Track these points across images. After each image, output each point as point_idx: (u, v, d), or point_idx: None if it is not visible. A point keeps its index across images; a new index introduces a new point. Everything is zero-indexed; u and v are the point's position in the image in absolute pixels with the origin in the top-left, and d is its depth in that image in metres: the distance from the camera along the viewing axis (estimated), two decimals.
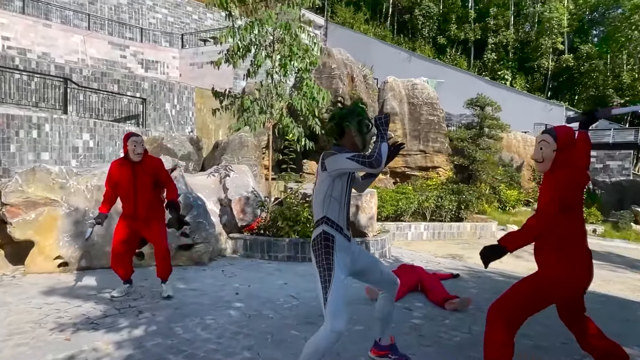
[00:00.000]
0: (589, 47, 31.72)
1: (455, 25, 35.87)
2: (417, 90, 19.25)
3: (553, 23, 31.54)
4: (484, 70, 34.48)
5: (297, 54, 6.82)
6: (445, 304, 4.22)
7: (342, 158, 2.29)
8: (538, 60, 32.62)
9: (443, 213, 10.86)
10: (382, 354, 2.87)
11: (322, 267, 2.35)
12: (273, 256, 6.36)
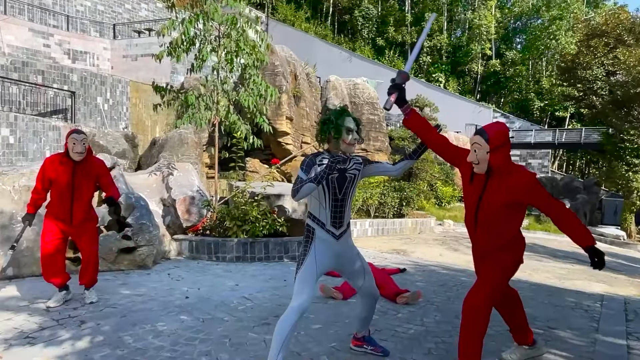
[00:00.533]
0: (513, 53, 34.24)
1: (394, 28, 37.09)
2: (359, 90, 19.67)
3: (482, 30, 33.66)
4: (420, 73, 35.99)
5: (244, 50, 6.68)
6: (397, 299, 4.35)
7: (299, 171, 2.55)
8: (469, 65, 34.65)
9: (386, 210, 11.20)
10: (359, 344, 3.07)
11: (301, 253, 2.69)
12: (221, 257, 6.19)
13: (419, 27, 36.58)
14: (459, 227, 14.69)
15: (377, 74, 29.90)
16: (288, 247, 6.44)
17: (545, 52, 31.56)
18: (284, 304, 4.10)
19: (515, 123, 29.52)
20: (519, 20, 36.89)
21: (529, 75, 32.61)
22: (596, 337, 3.58)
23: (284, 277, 5.33)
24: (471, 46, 33.97)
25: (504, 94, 34.62)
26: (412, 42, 36.88)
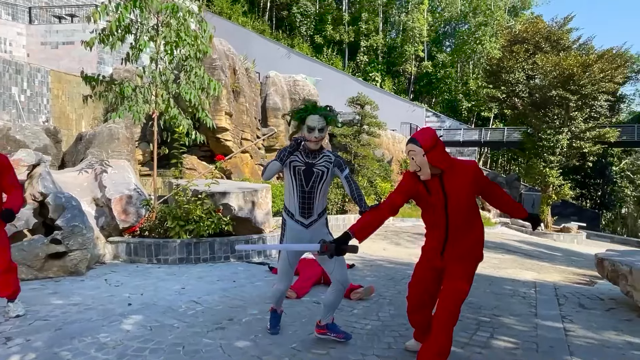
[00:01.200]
0: (444, 56, 36.06)
1: (331, 26, 37.46)
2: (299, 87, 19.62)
3: (415, 32, 35.04)
4: (357, 72, 36.72)
5: (186, 40, 6.34)
6: (350, 295, 4.35)
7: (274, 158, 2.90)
8: (403, 65, 35.94)
9: (330, 206, 11.27)
10: (323, 332, 3.14)
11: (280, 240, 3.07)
12: (163, 259, 5.84)
13: (356, 27, 37.30)
14: (397, 221, 15.19)
15: (315, 72, 30.05)
16: (235, 246, 6.23)
17: (472, 55, 33.61)
18: (236, 306, 3.96)
19: (445, 122, 31.12)
20: (448, 25, 38.91)
21: (457, 77, 34.56)
22: (536, 322, 3.83)
23: (232, 277, 5.14)
24: (405, 47, 35.26)
25: (435, 94, 36.38)
26: (349, 41, 37.50)
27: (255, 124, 16.83)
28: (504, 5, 35.72)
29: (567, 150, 19.45)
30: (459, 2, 37.32)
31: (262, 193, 6.91)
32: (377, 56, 37.31)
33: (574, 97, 18.14)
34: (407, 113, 29.59)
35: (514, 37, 21.18)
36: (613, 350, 3.21)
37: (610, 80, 18.21)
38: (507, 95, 21.45)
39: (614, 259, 4.55)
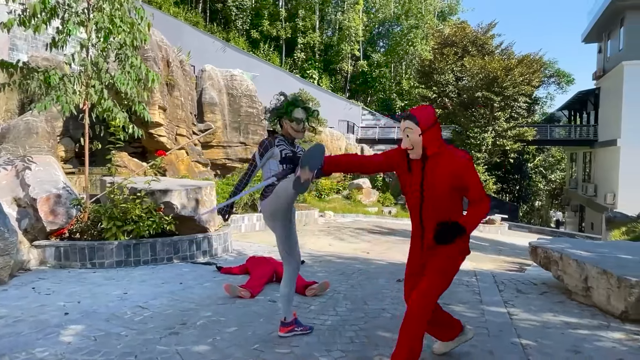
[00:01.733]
0: (378, 56, 37.14)
1: (268, 22, 37.01)
2: (236, 82, 19.18)
3: (351, 31, 35.70)
4: (295, 68, 36.66)
5: (121, 27, 5.89)
6: (305, 291, 4.31)
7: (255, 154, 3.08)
8: (340, 64, 36.48)
9: None
10: (289, 329, 3.12)
11: None
12: (98, 263, 5.40)
13: (293, 23, 37.20)
14: (338, 217, 15.42)
15: (252, 67, 29.53)
16: (178, 246, 5.93)
17: (404, 56, 35.00)
18: (188, 309, 3.75)
19: (381, 120, 32.11)
20: (382, 26, 40.12)
21: (391, 77, 35.81)
22: (483, 308, 4.04)
23: (178, 279, 4.88)
24: (342, 46, 35.81)
25: (370, 93, 37.39)
26: (287, 37, 37.31)
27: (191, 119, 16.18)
28: (434, 9, 37.54)
29: (491, 148, 20.92)
30: (392, 4, 38.60)
31: (207, 190, 6.64)
32: (315, 54, 37.53)
33: (498, 98, 19.55)
34: (345, 111, 30.12)
35: (444, 40, 22.35)
36: (553, 330, 3.47)
37: (528, 84, 19.86)
38: (438, 95, 22.59)
39: (546, 246, 4.94)
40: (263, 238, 9.11)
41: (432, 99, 23.42)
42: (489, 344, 3.12)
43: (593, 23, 24.31)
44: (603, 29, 24.23)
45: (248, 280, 4.53)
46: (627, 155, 20.42)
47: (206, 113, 17.94)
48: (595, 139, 24.79)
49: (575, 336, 3.30)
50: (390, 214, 18.18)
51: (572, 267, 4.34)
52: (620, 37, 21.60)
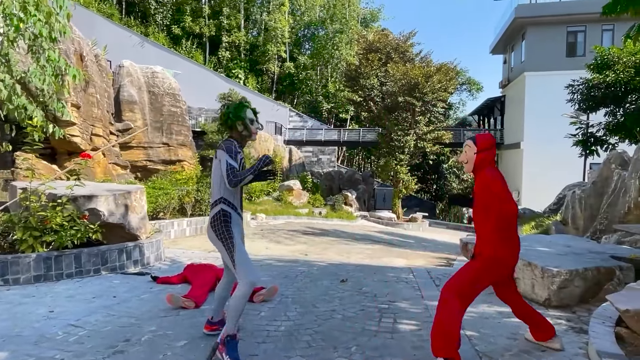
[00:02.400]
0: (305, 58, 37.45)
1: (190, 18, 35.64)
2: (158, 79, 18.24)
3: (277, 32, 35.62)
4: (220, 67, 35.71)
5: (35, 16, 5.29)
6: (254, 297, 4.21)
7: (225, 157, 2.80)
8: (266, 64, 36.22)
9: (203, 207, 10.73)
10: (213, 328, 3.22)
11: (224, 238, 2.82)
12: (12, 279, 4.80)
13: (217, 21, 36.21)
14: (270, 219, 15.29)
15: (174, 64, 28.25)
16: (106, 256, 5.47)
17: (330, 60, 35.70)
18: (128, 325, 3.48)
19: (308, 122, 32.43)
20: (308, 29, 40.54)
21: (318, 79, 36.32)
22: (425, 304, 4.25)
23: (110, 292, 4.50)
24: (268, 47, 35.57)
25: (298, 94, 37.59)
26: (210, 35, 36.21)
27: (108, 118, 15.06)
28: (357, 15, 38.77)
29: (413, 150, 22.10)
30: (318, 8, 39.19)
31: (137, 195, 6.21)
32: (240, 53, 36.87)
33: (419, 103, 20.71)
34: (272, 112, 29.96)
35: (369, 45, 23.18)
36: (490, 320, 3.75)
37: (445, 90, 21.31)
38: (363, 99, 23.36)
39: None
40: (194, 244, 8.75)
41: (358, 102, 24.16)
42: None
43: (499, 37, 26.78)
44: (508, 42, 26.79)
45: (190, 290, 4.31)
46: (529, 157, 22.78)
47: (125, 112, 16.82)
48: (501, 142, 27.30)
49: (510, 324, 3.60)
50: (321, 214, 18.43)
51: None
52: (522, 49, 24.04)
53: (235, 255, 2.78)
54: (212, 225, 2.88)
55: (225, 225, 2.85)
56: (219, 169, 2.86)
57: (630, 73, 12.23)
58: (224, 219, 2.86)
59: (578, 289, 4.10)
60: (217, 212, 2.87)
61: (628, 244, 5.57)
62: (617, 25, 21.26)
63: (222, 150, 2.84)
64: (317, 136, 31.08)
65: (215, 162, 2.89)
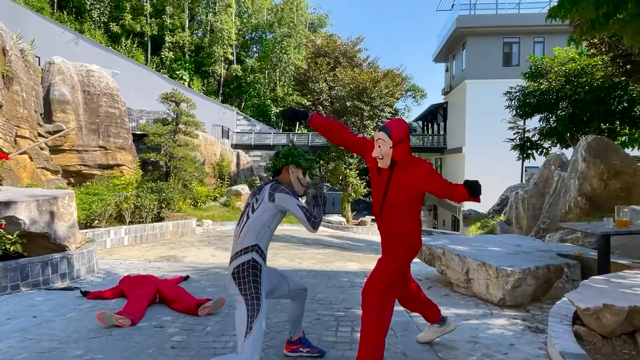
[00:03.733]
0: (253, 61, 36.84)
1: (130, 15, 33.91)
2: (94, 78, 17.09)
3: (224, 34, 34.78)
4: (162, 68, 34.24)
5: None
6: (198, 311, 3.84)
7: (293, 202, 2.44)
8: (212, 66, 35.20)
9: (144, 214, 10.02)
10: (294, 348, 2.91)
11: (249, 296, 2.36)
12: None
13: (160, 20, 34.73)
14: (218, 225, 14.69)
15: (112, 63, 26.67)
16: (27, 271, 4.83)
17: (278, 63, 35.38)
18: (49, 350, 3.01)
19: (256, 126, 31.88)
20: (255, 32, 39.97)
21: (266, 83, 35.83)
22: None
23: (30, 312, 3.94)
24: (214, 48, 34.60)
25: (245, 98, 36.83)
26: (153, 34, 34.64)
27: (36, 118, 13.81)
28: (305, 20, 38.81)
29: None
30: (266, 11, 38.80)
31: (65, 201, 5.58)
32: (185, 54, 35.58)
33: (367, 107, 20.96)
34: (219, 115, 29.15)
35: (317, 50, 23.18)
36: None
37: (392, 96, 21.76)
38: (312, 103, 23.30)
39: (430, 244, 5.27)
40: (132, 253, 8.10)
41: (307, 106, 24.06)
42: (400, 345, 3.12)
43: (441, 45, 27.85)
44: (449, 51, 27.92)
45: (126, 305, 3.86)
46: (471, 160, 23.76)
47: (56, 112, 15.57)
48: (444, 146, 28.33)
49: (469, 327, 3.51)
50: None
51: (454, 262, 4.68)
52: (463, 58, 25.12)
53: (256, 321, 2.31)
54: (237, 276, 2.39)
55: (254, 280, 2.38)
56: (266, 214, 2.44)
57: (561, 81, 13.03)
58: (254, 272, 2.39)
59: (530, 287, 4.12)
60: (247, 261, 2.39)
61: (570, 241, 5.79)
62: (547, 37, 22.81)
63: (285, 194, 2.45)
64: (266, 140, 30.61)
65: (265, 207, 2.45)
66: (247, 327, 2.30)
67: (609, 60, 11.39)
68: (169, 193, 10.95)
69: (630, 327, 2.74)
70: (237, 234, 2.50)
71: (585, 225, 4.29)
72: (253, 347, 2.29)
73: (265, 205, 2.45)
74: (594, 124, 12.27)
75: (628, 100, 11.82)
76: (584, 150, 6.11)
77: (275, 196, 2.44)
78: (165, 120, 14.88)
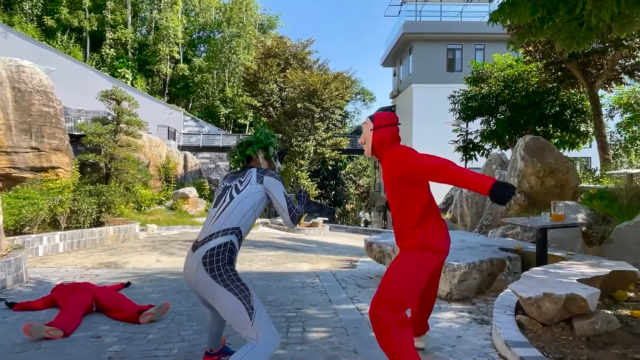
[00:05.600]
0: (200, 60, 35.82)
1: (67, 9, 31.89)
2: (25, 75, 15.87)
3: (170, 32, 33.59)
4: (103, 66, 32.50)
5: None
6: (140, 318, 3.60)
7: (280, 188, 2.32)
8: (157, 65, 33.85)
9: (81, 218, 9.38)
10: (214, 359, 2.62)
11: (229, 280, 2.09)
12: None
13: (100, 15, 32.95)
14: (163, 230, 14.09)
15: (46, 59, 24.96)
16: None
17: (227, 64, 34.65)
18: None
19: (204, 127, 31.03)
20: (203, 30, 38.94)
21: (214, 83, 34.96)
22: (334, 308, 4.05)
23: None
24: (159, 46, 33.29)
25: (193, 98, 35.69)
26: (92, 30, 32.77)
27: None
28: (255, 21, 38.34)
29: (313, 155, 22.36)
30: (214, 10, 37.93)
31: None
32: (127, 51, 33.96)
33: (318, 109, 21.04)
34: (164, 116, 28.10)
35: (267, 51, 22.97)
36: None
37: (342, 98, 21.99)
38: (263, 104, 23.03)
39: (380, 241, 5.33)
40: (68, 261, 7.56)
41: (258, 107, 23.77)
42: (351, 342, 3.08)
43: (389, 50, 28.57)
44: (397, 56, 28.70)
45: (57, 316, 3.55)
46: None
47: None
48: None
49: None
50: None
51: None
52: (410, 63, 25.92)
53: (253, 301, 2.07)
54: (209, 260, 2.09)
55: (229, 264, 2.14)
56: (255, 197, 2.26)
57: (500, 86, 13.77)
58: (229, 256, 2.15)
59: (475, 281, 4.25)
60: (224, 243, 2.14)
61: (511, 236, 6.07)
62: (487, 45, 24.07)
63: (274, 178, 2.32)
64: (215, 142, 29.86)
65: (254, 188, 2.28)
66: (248, 310, 2.03)
67: (542, 67, 12.19)
68: (110, 196, 10.33)
69: (567, 314, 2.88)
70: (213, 215, 2.26)
71: (525, 220, 4.50)
72: (267, 326, 2.06)
73: (253, 187, 2.28)
74: (530, 126, 13.06)
75: (559, 105, 12.69)
76: (522, 150, 6.45)
77: (264, 178, 2.31)
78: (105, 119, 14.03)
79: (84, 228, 9.34)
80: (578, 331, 2.77)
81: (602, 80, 11.01)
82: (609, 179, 8.07)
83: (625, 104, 13.49)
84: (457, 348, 2.93)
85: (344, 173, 43.15)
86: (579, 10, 4.30)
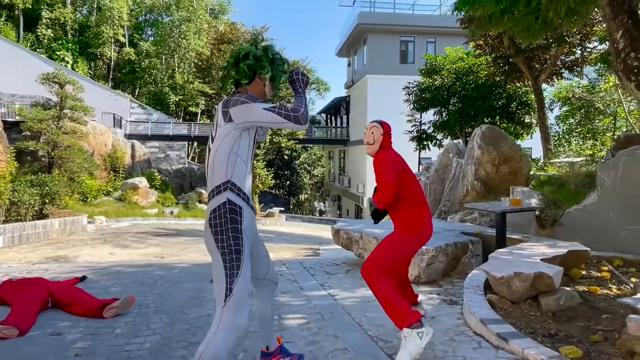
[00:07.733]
0: (148, 45, 34.12)
1: None
2: None
3: (114, 13, 31.70)
4: (39, 47, 30.15)
5: None
6: (104, 313, 3.40)
7: (257, 108, 1.89)
8: (100, 48, 31.90)
9: (22, 210, 8.71)
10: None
11: (227, 249, 1.87)
12: None
13: None
14: (112, 222, 13.43)
15: None
16: None
17: (177, 49, 33.26)
18: None
19: (153, 115, 29.71)
20: (150, 13, 37.07)
21: (163, 69, 33.48)
22: (306, 295, 4.03)
23: None
24: (102, 28, 31.32)
25: (140, 84, 33.98)
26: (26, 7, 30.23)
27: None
28: (205, 5, 37.03)
29: (269, 145, 22.09)
30: None
31: None
32: (66, 33, 31.69)
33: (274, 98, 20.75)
34: (109, 102, 26.58)
35: (220, 36, 22.28)
36: (372, 303, 3.69)
37: None
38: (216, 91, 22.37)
39: (347, 228, 5.36)
40: (10, 256, 7.02)
41: (211, 95, 23.08)
42: (330, 327, 3.09)
43: (344, 41, 28.68)
44: (351, 46, 28.88)
45: (10, 313, 3.27)
46: None
47: None
48: (347, 139, 29.34)
49: None
50: (173, 214, 17.01)
51: (372, 244, 4.79)
52: (364, 54, 26.17)
53: (237, 280, 1.85)
54: (213, 223, 1.89)
55: (233, 228, 1.88)
56: (228, 139, 1.92)
57: (452, 79, 14.25)
58: (232, 217, 1.89)
59: (442, 264, 4.39)
60: (222, 203, 1.90)
61: (469, 221, 6.33)
62: (438, 38, 24.78)
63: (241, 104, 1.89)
64: (165, 130, 28.69)
65: (224, 130, 1.93)
66: (227, 289, 1.84)
67: (491, 60, 12.74)
68: (54, 187, 9.67)
69: (534, 292, 3.05)
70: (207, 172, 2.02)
71: (486, 205, 4.70)
72: (234, 312, 1.83)
73: (224, 129, 1.93)
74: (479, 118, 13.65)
75: (506, 97, 13.34)
76: (479, 139, 6.72)
77: (230, 113, 1.92)
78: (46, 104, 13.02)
79: (26, 221, 8.68)
80: (544, 307, 2.94)
81: (546, 74, 11.69)
82: (552, 167, 8.62)
83: (564, 97, 14.44)
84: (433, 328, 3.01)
85: (299, 163, 43.12)
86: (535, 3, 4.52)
